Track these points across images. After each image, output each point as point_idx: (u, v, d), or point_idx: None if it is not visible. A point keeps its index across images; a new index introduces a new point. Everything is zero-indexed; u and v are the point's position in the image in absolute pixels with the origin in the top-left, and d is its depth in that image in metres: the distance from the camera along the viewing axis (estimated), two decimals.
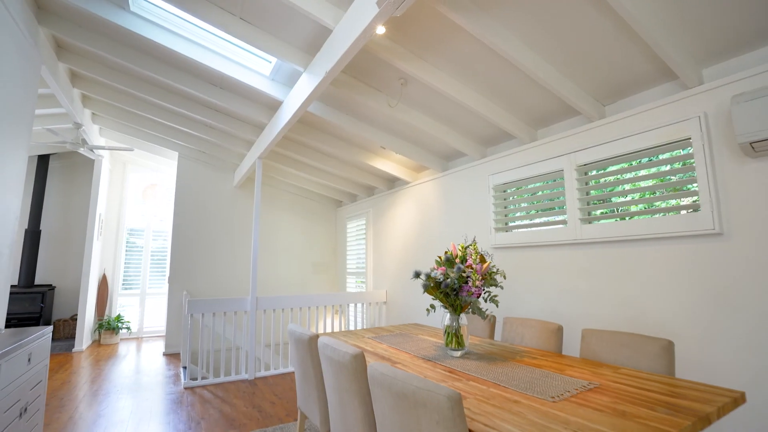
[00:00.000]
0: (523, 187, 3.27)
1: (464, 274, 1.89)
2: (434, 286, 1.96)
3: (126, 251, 6.58)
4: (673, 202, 2.33)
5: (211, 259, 5.76)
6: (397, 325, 2.98)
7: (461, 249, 2.02)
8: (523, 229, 3.24)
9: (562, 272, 2.88)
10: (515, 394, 1.36)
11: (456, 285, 1.88)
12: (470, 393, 1.39)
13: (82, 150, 4.40)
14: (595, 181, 2.73)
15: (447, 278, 1.91)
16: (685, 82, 2.18)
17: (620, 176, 2.56)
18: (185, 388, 3.73)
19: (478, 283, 1.88)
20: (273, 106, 3.87)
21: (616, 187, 2.59)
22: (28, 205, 6.12)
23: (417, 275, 2.01)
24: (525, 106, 2.94)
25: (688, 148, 2.25)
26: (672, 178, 2.32)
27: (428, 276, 1.97)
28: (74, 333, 6.02)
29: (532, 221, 3.17)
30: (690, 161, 2.23)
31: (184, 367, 4.16)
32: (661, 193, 2.38)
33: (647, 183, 2.45)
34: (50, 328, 2.19)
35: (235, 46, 3.23)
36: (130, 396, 3.52)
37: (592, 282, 2.67)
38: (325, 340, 1.76)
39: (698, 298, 2.14)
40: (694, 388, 1.37)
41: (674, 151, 2.31)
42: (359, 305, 5.03)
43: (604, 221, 2.63)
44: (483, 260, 1.97)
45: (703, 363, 2.09)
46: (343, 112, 3.58)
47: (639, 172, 2.48)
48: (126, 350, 5.48)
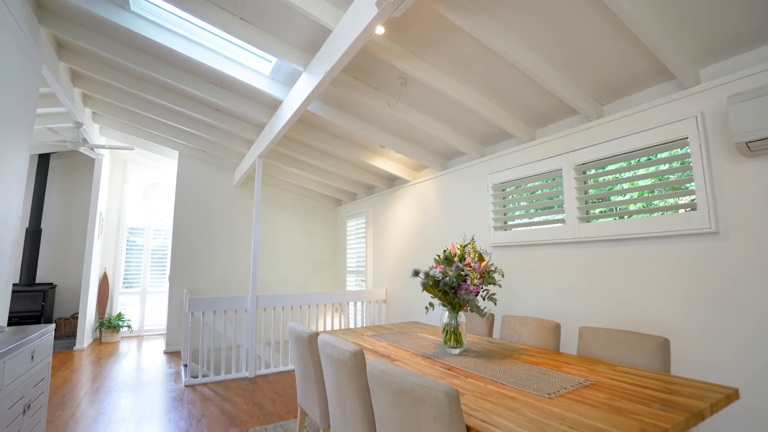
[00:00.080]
0: (522, 186, 3.29)
1: (463, 273, 1.91)
2: (433, 285, 1.97)
3: (126, 250, 6.60)
4: (671, 201, 2.34)
5: (212, 258, 5.78)
6: (397, 323, 3.00)
7: (460, 248, 2.04)
8: (522, 228, 3.25)
9: (561, 271, 2.90)
10: (512, 391, 1.38)
11: (454, 283, 1.90)
12: (468, 390, 1.41)
13: (82, 149, 4.41)
14: (594, 180, 2.75)
15: (445, 277, 1.92)
16: (683, 82, 2.20)
17: (618, 175, 2.58)
18: (186, 386, 3.76)
19: (476, 281, 1.90)
20: (273, 105, 3.89)
21: (614, 186, 2.61)
22: (29, 204, 6.14)
23: (416, 273, 2.03)
24: (524, 105, 2.95)
25: (685, 148, 2.26)
26: (670, 177, 2.33)
27: (427, 274, 1.98)
28: (75, 331, 6.05)
29: (531, 220, 3.18)
30: (687, 161, 2.25)
31: (185, 365, 4.18)
32: (660, 192, 2.40)
33: (645, 182, 2.46)
34: (53, 326, 2.21)
35: (235, 45, 3.25)
36: (131, 394, 3.54)
37: (590, 280, 2.69)
38: (325, 338, 1.78)
39: (696, 296, 2.15)
40: (688, 385, 1.38)
41: (672, 150, 2.33)
42: (359, 303, 5.06)
43: (603, 220, 2.64)
44: (481, 259, 1.99)
45: (702, 362, 2.10)
46: (343, 112, 3.60)
47: (637, 171, 2.49)
48: (127, 348, 5.50)
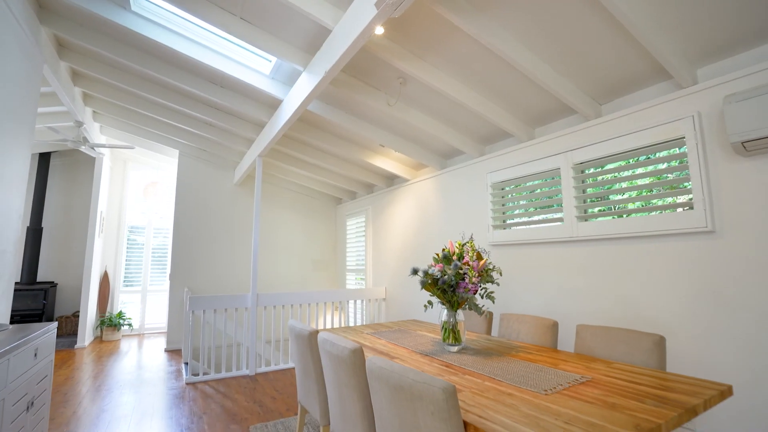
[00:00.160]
0: (521, 185, 3.30)
1: (461, 271, 1.93)
2: (432, 283, 1.99)
3: (127, 248, 6.62)
4: (670, 200, 2.36)
5: (212, 257, 5.80)
6: (396, 321, 3.03)
7: (458, 246, 2.06)
8: (521, 227, 3.27)
9: (559, 269, 2.91)
10: (509, 388, 1.40)
11: (453, 282, 1.92)
12: (465, 386, 1.43)
13: (83, 148, 4.43)
14: (593, 179, 2.77)
15: (444, 275, 1.94)
16: (680, 81, 2.21)
17: (617, 174, 2.60)
18: (187, 384, 3.78)
19: (474, 279, 1.91)
20: (273, 104, 3.90)
21: (612, 185, 2.63)
22: (30, 203, 6.16)
23: (415, 272, 2.05)
24: (523, 105, 2.97)
25: (682, 147, 2.28)
26: (668, 176, 2.35)
27: (426, 273, 2.00)
28: (76, 329, 6.08)
29: (530, 219, 3.20)
30: (684, 160, 2.26)
31: (186, 363, 4.21)
32: (658, 191, 2.41)
33: (644, 181, 2.48)
34: (55, 324, 2.23)
35: (235, 45, 3.26)
36: (132, 391, 3.57)
37: (588, 279, 2.71)
38: (324, 336, 1.80)
39: (693, 295, 2.17)
40: (683, 382, 1.41)
41: (670, 149, 2.34)
42: (359, 302, 5.08)
43: (601, 219, 2.66)
44: (479, 257, 2.01)
45: (702, 361, 2.12)
46: (343, 111, 3.61)
47: (636, 171, 2.51)
48: (128, 347, 5.53)
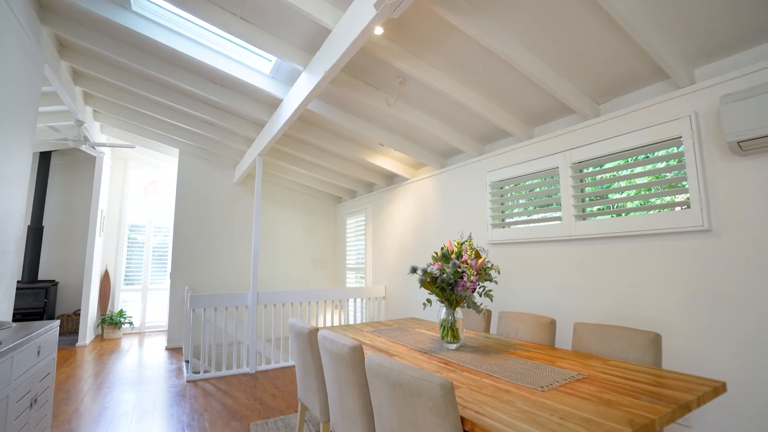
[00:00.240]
0: (520, 184, 3.32)
1: (459, 270, 1.95)
2: (430, 281, 2.01)
3: (128, 247, 6.64)
4: (667, 199, 2.38)
5: (212, 255, 5.82)
6: (396, 319, 3.05)
7: (457, 245, 2.08)
8: (520, 226, 3.29)
9: (558, 268, 2.93)
10: (506, 384, 1.42)
11: (451, 280, 1.94)
12: (463, 383, 1.45)
13: (83, 147, 4.44)
14: (591, 178, 2.78)
15: (443, 273, 1.96)
16: (677, 81, 2.22)
17: (615, 173, 2.61)
18: (188, 382, 3.81)
19: (473, 278, 1.93)
20: (273, 104, 3.91)
21: (611, 184, 2.64)
22: (31, 202, 6.18)
23: (414, 270, 2.06)
24: (521, 104, 2.98)
25: (680, 147, 2.29)
26: (667, 175, 2.36)
27: (425, 271, 2.02)
28: (77, 328, 6.10)
29: (528, 218, 3.22)
30: (682, 159, 2.28)
31: (187, 361, 4.23)
32: (656, 190, 2.43)
33: (642, 180, 2.50)
34: (57, 322, 2.25)
35: (235, 44, 3.27)
36: (133, 389, 3.59)
37: (586, 277, 2.73)
38: (324, 333, 1.82)
39: (690, 293, 2.19)
40: (678, 378, 1.43)
41: (669, 149, 2.36)
42: (358, 300, 5.10)
43: (600, 217, 2.68)
44: (478, 256, 2.02)
45: (701, 360, 2.13)
46: (343, 110, 3.63)
47: (634, 170, 2.52)
48: (129, 345, 5.55)
